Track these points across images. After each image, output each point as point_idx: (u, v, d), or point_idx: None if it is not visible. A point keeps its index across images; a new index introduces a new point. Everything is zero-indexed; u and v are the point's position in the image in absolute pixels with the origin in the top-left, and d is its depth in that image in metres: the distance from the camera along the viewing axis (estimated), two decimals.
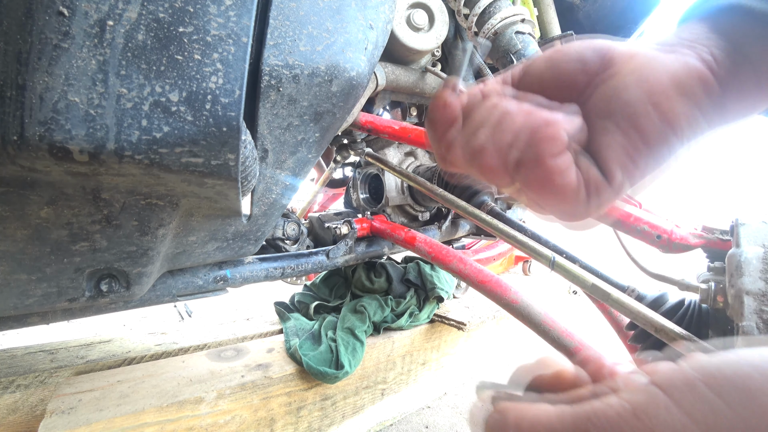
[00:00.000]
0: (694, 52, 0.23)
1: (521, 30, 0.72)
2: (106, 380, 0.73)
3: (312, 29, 0.46)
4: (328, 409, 0.92)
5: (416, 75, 0.91)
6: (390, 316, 1.06)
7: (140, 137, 0.34)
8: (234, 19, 0.36)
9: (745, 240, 0.51)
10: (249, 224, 0.59)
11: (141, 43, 0.33)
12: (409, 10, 0.85)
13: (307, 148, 0.54)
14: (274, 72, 0.44)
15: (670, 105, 0.21)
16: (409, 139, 0.85)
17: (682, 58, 0.23)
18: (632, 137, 0.21)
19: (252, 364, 0.84)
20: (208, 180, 0.40)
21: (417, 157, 1.18)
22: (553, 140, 0.21)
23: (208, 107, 0.36)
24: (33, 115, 0.31)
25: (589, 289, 0.64)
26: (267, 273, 0.82)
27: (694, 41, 0.24)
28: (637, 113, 0.21)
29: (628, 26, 1.17)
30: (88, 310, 0.63)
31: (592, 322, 2.16)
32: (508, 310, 0.75)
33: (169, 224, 0.48)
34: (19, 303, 0.48)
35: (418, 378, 1.13)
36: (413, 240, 0.90)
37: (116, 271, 0.51)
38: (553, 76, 0.25)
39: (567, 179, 0.21)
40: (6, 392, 0.73)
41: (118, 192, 0.41)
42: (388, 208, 1.12)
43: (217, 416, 0.74)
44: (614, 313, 0.81)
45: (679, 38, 0.24)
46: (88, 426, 0.61)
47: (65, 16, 0.30)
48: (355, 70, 0.50)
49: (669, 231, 0.70)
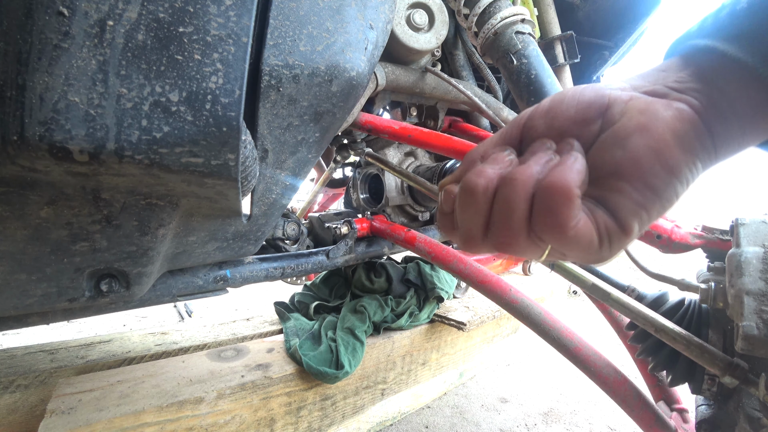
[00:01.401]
0: (683, 99, 0.24)
1: (521, 30, 0.72)
2: (106, 380, 0.73)
3: (312, 29, 0.46)
4: (328, 409, 0.92)
5: (416, 75, 0.91)
6: (390, 316, 1.06)
7: (140, 137, 0.34)
8: (234, 19, 0.36)
9: (745, 240, 0.51)
10: (249, 224, 0.59)
11: (141, 43, 0.33)
12: (409, 10, 0.85)
13: (307, 148, 0.54)
14: (274, 72, 0.44)
15: (671, 155, 0.23)
16: (409, 139, 0.85)
17: (674, 104, 0.24)
18: (644, 193, 0.23)
19: (252, 364, 0.84)
20: (208, 180, 0.40)
21: (417, 157, 1.18)
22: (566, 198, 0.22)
23: (208, 107, 0.36)
24: (33, 115, 0.31)
25: (589, 289, 0.64)
26: (267, 273, 0.82)
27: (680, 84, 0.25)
28: (646, 170, 0.23)
29: (628, 26, 1.17)
30: (88, 310, 0.63)
31: (592, 322, 2.15)
32: (508, 310, 0.75)
33: (169, 224, 0.48)
34: (19, 303, 0.48)
35: (418, 378, 1.13)
36: (413, 240, 0.90)
37: (116, 271, 0.51)
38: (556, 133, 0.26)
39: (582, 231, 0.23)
40: (6, 392, 0.73)
41: (118, 192, 0.41)
42: (388, 208, 1.12)
43: (217, 416, 0.74)
44: (614, 313, 0.81)
45: (666, 80, 0.26)
46: (88, 426, 0.61)
47: (65, 16, 0.30)
48: (355, 70, 0.50)
49: (669, 231, 0.70)
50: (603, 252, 0.24)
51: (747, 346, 0.44)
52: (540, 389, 1.51)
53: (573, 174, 0.23)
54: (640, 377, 0.78)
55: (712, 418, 0.57)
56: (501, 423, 1.29)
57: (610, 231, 0.23)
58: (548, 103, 0.27)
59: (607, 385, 0.65)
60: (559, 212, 0.22)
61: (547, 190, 0.23)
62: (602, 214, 0.24)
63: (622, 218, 0.23)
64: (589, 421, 1.32)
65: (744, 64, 0.24)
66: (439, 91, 0.96)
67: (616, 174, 0.24)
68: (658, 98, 0.25)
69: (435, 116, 1.04)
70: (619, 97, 0.25)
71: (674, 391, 0.75)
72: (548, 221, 0.23)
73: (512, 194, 0.24)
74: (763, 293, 0.45)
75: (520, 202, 0.23)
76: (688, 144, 0.23)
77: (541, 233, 0.23)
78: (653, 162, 0.23)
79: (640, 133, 0.23)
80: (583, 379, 1.35)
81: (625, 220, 0.23)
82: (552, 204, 0.22)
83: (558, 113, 0.27)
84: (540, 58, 0.71)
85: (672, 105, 0.24)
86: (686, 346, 0.53)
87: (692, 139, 0.24)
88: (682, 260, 0.72)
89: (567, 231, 0.22)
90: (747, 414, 0.49)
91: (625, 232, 0.24)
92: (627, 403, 0.64)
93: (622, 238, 0.24)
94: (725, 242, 0.67)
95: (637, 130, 0.23)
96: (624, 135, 0.24)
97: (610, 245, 0.24)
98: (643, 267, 0.76)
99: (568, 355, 0.67)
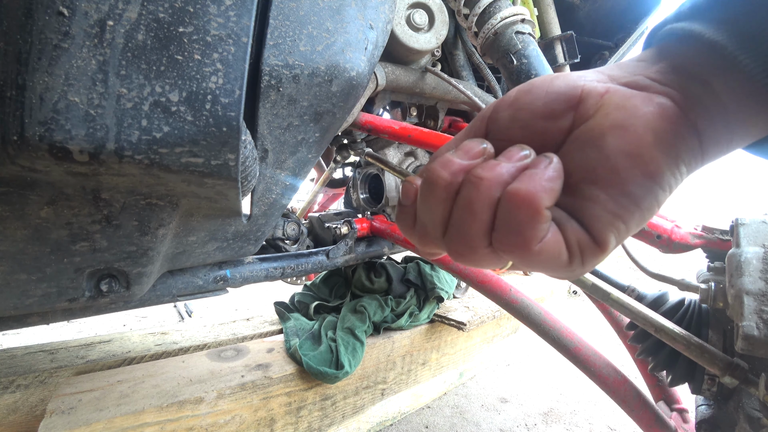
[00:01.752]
0: (665, 92, 0.22)
1: (521, 30, 0.72)
2: (106, 380, 0.73)
3: (312, 29, 0.46)
4: (328, 409, 0.92)
5: (416, 75, 0.91)
6: (390, 316, 1.06)
7: (140, 137, 0.34)
8: (234, 19, 0.36)
9: (745, 240, 0.51)
10: (249, 224, 0.59)
11: (141, 43, 0.33)
12: (409, 10, 0.85)
13: (307, 148, 0.54)
14: (274, 72, 0.44)
15: (652, 159, 0.20)
16: (409, 139, 0.85)
17: (655, 98, 0.21)
18: (622, 202, 0.20)
19: (252, 364, 0.84)
20: (208, 180, 0.40)
21: (417, 157, 1.18)
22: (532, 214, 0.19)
23: (208, 107, 0.36)
24: (33, 115, 0.31)
25: (589, 289, 0.64)
26: (267, 273, 0.82)
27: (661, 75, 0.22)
28: (624, 176, 0.20)
29: (628, 26, 1.17)
30: (88, 310, 0.63)
31: (592, 322, 2.15)
32: (508, 310, 0.75)
33: (169, 224, 0.48)
34: (19, 303, 0.48)
35: (418, 378, 1.13)
36: None
37: (116, 271, 0.51)
38: (519, 128, 0.23)
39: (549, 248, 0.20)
40: (6, 392, 0.73)
41: (118, 192, 0.41)
42: (388, 208, 1.12)
43: (217, 416, 0.74)
44: (614, 313, 0.81)
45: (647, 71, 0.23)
46: (88, 426, 0.61)
47: (65, 16, 0.30)
48: (355, 70, 0.50)
49: (669, 231, 0.70)
50: (573, 268, 0.21)
51: (747, 346, 0.44)
52: (540, 389, 1.51)
53: (544, 183, 0.20)
54: (640, 377, 0.78)
55: (712, 418, 0.57)
56: (501, 423, 1.29)
57: (582, 246, 0.21)
58: (515, 93, 0.24)
59: (607, 385, 0.65)
60: (523, 229, 0.19)
61: (511, 200, 0.20)
62: (574, 227, 0.21)
63: (597, 231, 0.21)
64: (589, 421, 1.32)
65: (722, 48, 0.20)
66: (439, 91, 0.96)
67: (589, 180, 0.21)
68: (637, 91, 0.22)
69: (435, 116, 1.04)
70: (594, 89, 0.22)
71: (674, 391, 0.75)
72: (509, 237, 0.20)
73: (475, 197, 0.21)
74: (763, 293, 0.45)
75: (482, 208, 0.21)
76: (672, 145, 0.21)
77: (500, 248, 0.21)
78: (632, 167, 0.20)
79: (616, 132, 0.20)
80: (583, 379, 1.35)
81: (599, 233, 0.21)
82: (515, 218, 0.20)
83: (523, 105, 0.23)
84: (540, 58, 0.71)
85: (653, 99, 0.21)
86: (686, 346, 0.53)
87: (676, 139, 0.21)
88: (682, 260, 0.72)
89: (530, 249, 0.20)
90: (747, 414, 0.49)
91: (600, 246, 0.21)
92: (627, 403, 0.64)
93: (596, 254, 0.21)
94: (725, 242, 0.67)
95: (613, 128, 0.21)
96: (598, 134, 0.21)
97: (582, 261, 0.21)
98: (643, 267, 0.76)
99: (568, 355, 0.67)
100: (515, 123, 0.24)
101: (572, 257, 0.21)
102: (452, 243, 0.22)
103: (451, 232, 0.22)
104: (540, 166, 0.21)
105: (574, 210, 0.21)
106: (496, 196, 0.20)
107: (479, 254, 0.22)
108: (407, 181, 0.25)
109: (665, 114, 0.21)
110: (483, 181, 0.21)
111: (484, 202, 0.21)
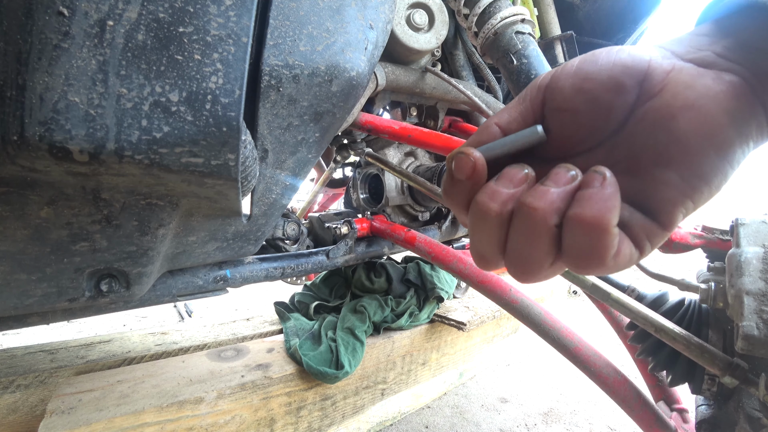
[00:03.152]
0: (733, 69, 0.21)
1: (521, 30, 0.72)
2: (106, 380, 0.73)
3: (312, 29, 0.46)
4: (328, 409, 0.92)
5: (416, 75, 0.91)
6: (390, 316, 1.06)
7: (140, 137, 0.34)
8: (234, 19, 0.36)
9: (745, 240, 0.51)
10: (249, 224, 0.59)
11: (141, 43, 0.33)
12: (409, 10, 0.85)
13: (307, 148, 0.54)
14: (274, 72, 0.44)
15: (726, 138, 0.20)
16: (409, 139, 0.85)
17: (724, 77, 0.21)
18: (693, 182, 0.20)
19: (252, 364, 0.84)
20: (208, 180, 0.40)
21: (417, 157, 1.18)
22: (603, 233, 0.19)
23: (208, 107, 0.36)
24: (33, 115, 0.31)
25: (589, 289, 0.64)
26: (267, 273, 0.82)
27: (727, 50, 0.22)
28: (697, 157, 0.20)
29: (628, 26, 1.17)
30: (88, 310, 0.63)
31: (592, 322, 2.15)
32: (508, 310, 0.75)
33: (169, 224, 0.48)
34: (19, 303, 0.48)
35: (418, 378, 1.13)
36: (413, 240, 0.90)
37: (116, 271, 0.51)
38: (584, 100, 0.23)
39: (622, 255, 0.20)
40: (6, 392, 0.73)
41: (118, 192, 0.41)
42: (388, 208, 1.12)
43: (217, 416, 0.74)
44: (614, 313, 0.81)
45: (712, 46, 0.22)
46: (88, 426, 0.61)
47: (65, 16, 0.30)
48: (355, 70, 0.50)
49: None
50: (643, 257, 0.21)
51: (747, 346, 0.44)
52: (540, 389, 1.51)
53: (607, 203, 0.19)
54: (640, 377, 0.78)
55: (712, 418, 0.57)
56: (501, 423, 1.29)
57: (650, 234, 0.21)
58: (577, 62, 0.23)
59: (607, 385, 0.65)
60: (595, 250, 0.19)
61: (578, 226, 0.19)
62: (638, 220, 0.21)
63: (666, 214, 0.21)
64: (589, 421, 1.32)
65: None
66: (439, 91, 0.96)
67: (659, 162, 0.21)
68: (705, 69, 0.21)
69: (435, 116, 1.04)
70: (660, 65, 0.21)
71: (674, 391, 0.75)
72: (583, 260, 0.20)
73: (531, 227, 0.21)
74: (763, 293, 0.45)
75: (540, 236, 0.20)
76: (743, 124, 0.20)
77: (575, 269, 0.21)
78: (706, 148, 0.20)
79: (689, 113, 0.20)
80: (583, 379, 1.35)
81: (669, 215, 0.21)
82: (586, 243, 0.19)
83: (589, 74, 0.22)
84: (540, 58, 0.71)
85: (723, 78, 0.21)
86: (686, 346, 0.53)
87: (747, 117, 0.20)
88: (682, 260, 0.72)
89: (605, 265, 0.20)
90: (747, 414, 0.49)
91: (667, 228, 0.21)
92: (627, 403, 0.64)
93: (663, 237, 0.21)
94: (725, 242, 0.67)
95: (684, 109, 0.20)
96: (668, 115, 0.20)
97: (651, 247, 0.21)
98: (643, 267, 0.76)
99: (568, 355, 0.67)
100: (580, 94, 0.23)
101: (642, 250, 0.21)
102: (514, 266, 0.22)
103: (510, 256, 0.22)
104: (595, 184, 0.20)
105: (640, 195, 0.21)
106: (553, 223, 0.20)
107: (543, 273, 0.22)
108: (464, 153, 0.23)
109: (736, 93, 0.20)
110: (537, 212, 0.20)
111: (542, 230, 0.20)
